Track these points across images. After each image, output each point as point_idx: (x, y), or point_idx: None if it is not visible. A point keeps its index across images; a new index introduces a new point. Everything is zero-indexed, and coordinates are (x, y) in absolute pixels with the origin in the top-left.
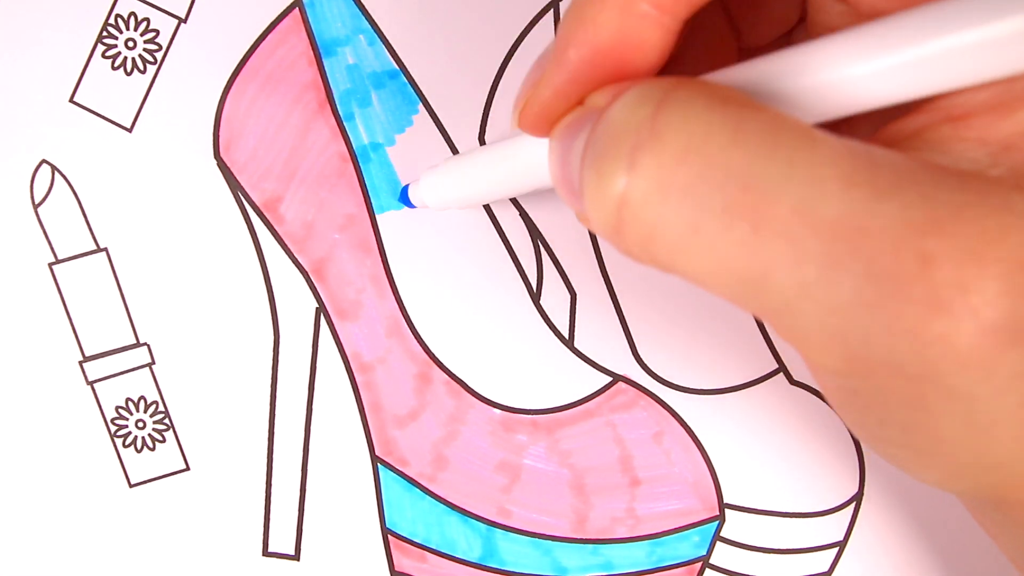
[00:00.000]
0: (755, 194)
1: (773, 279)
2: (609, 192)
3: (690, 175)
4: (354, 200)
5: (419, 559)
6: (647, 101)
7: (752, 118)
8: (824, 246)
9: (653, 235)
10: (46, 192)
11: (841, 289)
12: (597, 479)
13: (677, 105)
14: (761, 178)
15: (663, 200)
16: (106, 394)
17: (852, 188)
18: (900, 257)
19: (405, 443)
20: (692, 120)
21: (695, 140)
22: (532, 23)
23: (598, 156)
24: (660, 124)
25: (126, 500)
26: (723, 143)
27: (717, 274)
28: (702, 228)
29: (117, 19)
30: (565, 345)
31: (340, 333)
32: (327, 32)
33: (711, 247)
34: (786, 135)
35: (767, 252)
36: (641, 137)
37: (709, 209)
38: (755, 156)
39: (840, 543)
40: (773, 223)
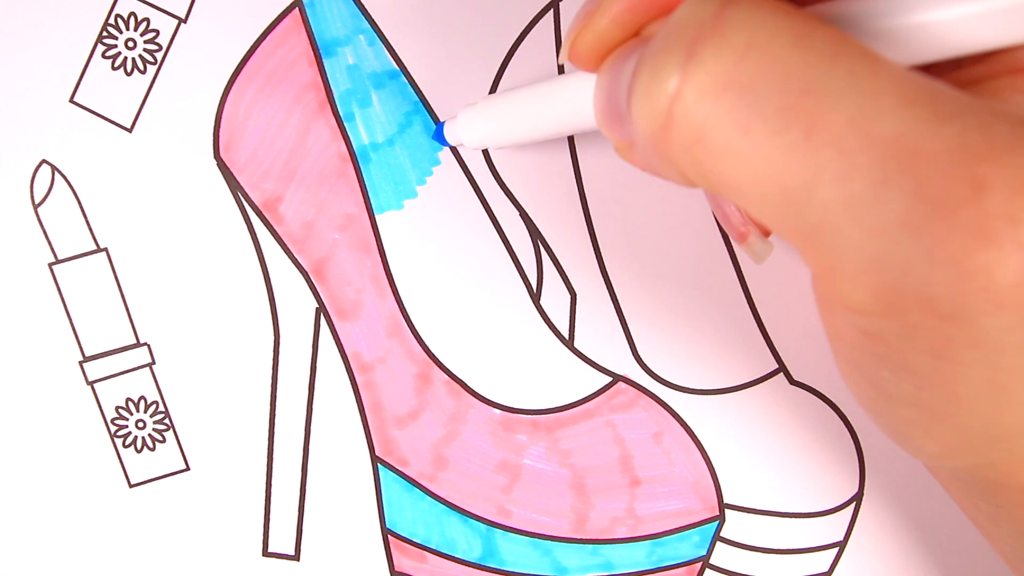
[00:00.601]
0: (813, 99)
1: (818, 191)
2: (662, 86)
3: (749, 73)
4: (354, 200)
5: (419, 559)
6: (711, 0)
7: (817, 28)
8: (876, 162)
9: (702, 135)
10: (46, 192)
11: (888, 208)
12: (597, 479)
13: (744, 4)
14: (820, 84)
15: (718, 96)
16: (106, 394)
17: (911, 107)
18: (953, 181)
19: (405, 443)
20: (757, 20)
21: (758, 38)
22: (532, 23)
23: (654, 52)
24: (724, 19)
25: (126, 500)
26: (786, 45)
27: (760, 182)
28: (754, 129)
29: (117, 19)
30: (565, 345)
31: (340, 333)
32: (327, 32)
33: (760, 150)
34: (849, 49)
35: (817, 161)
36: (703, 31)
37: (764, 109)
38: (817, 62)
39: (840, 543)
40: (827, 131)
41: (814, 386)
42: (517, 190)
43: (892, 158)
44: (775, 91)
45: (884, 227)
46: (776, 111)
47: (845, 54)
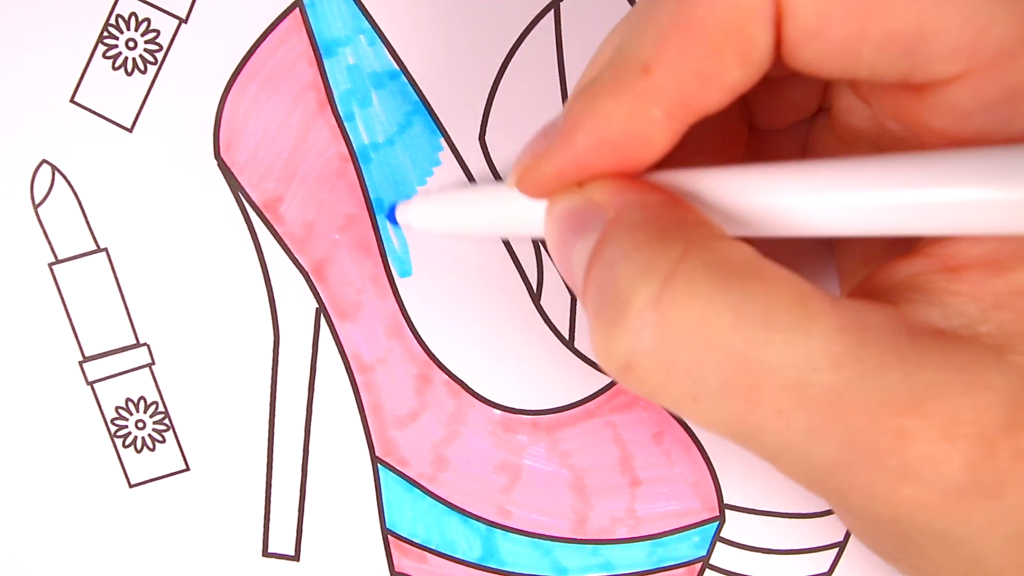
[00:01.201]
0: (750, 375)
1: (763, 440)
2: (616, 354)
3: (691, 355)
4: (354, 200)
5: (419, 559)
6: (654, 274)
7: (753, 297)
8: (810, 418)
9: (655, 394)
10: (46, 192)
11: (824, 453)
12: (597, 479)
13: (683, 285)
14: (758, 361)
15: (666, 373)
16: (106, 394)
17: (841, 367)
18: (878, 432)
19: (405, 443)
20: (696, 302)
21: (698, 323)
22: (532, 23)
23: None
24: (665, 303)
25: (126, 500)
26: (725, 327)
27: (714, 429)
28: (700, 398)
29: (118, 19)
30: (565, 345)
31: (340, 333)
32: (327, 32)
33: (708, 413)
34: (784, 315)
35: (758, 421)
36: (646, 315)
37: (707, 385)
38: (754, 341)
39: (840, 543)
40: (765, 399)
41: None
42: None
43: (825, 411)
44: (716, 369)
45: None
46: (719, 386)
47: (781, 323)
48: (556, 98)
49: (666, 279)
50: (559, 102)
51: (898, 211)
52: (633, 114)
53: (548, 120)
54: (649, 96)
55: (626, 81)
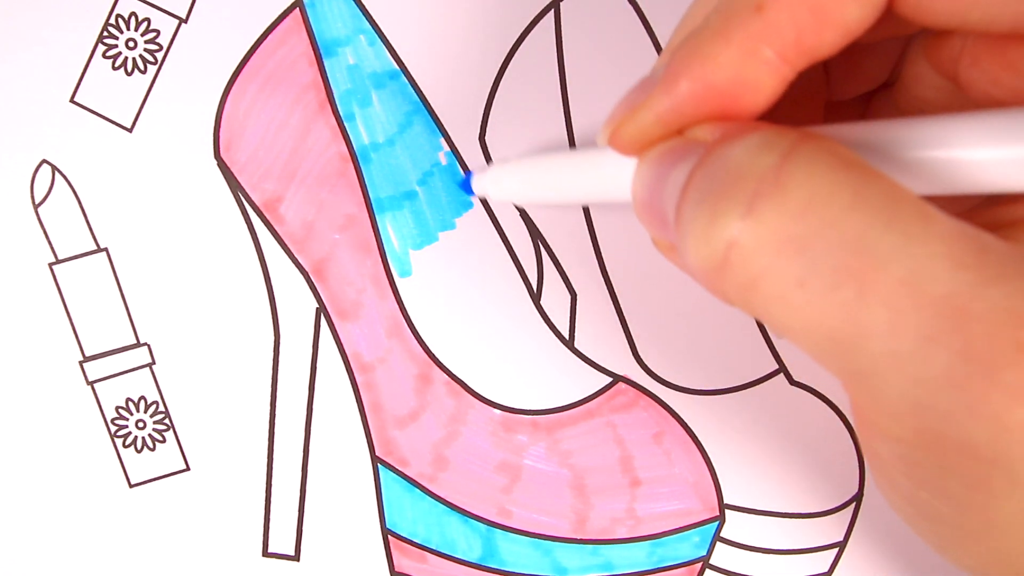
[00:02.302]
0: (867, 260)
1: (867, 344)
2: (721, 233)
3: (808, 231)
4: (354, 200)
5: (419, 559)
6: (773, 149)
7: (873, 184)
8: (925, 320)
9: (757, 283)
10: (46, 192)
11: (934, 364)
12: (597, 479)
13: (803, 159)
14: (875, 245)
15: (777, 251)
16: (106, 394)
17: (961, 269)
18: (997, 342)
19: (405, 443)
20: (817, 176)
21: (818, 197)
22: (532, 23)
23: (713, 194)
24: (785, 175)
25: (126, 500)
26: (844, 205)
27: (811, 330)
28: (809, 284)
29: (118, 19)
30: (565, 345)
31: (340, 333)
32: (327, 32)
33: (813, 304)
34: (904, 207)
35: (868, 317)
36: (764, 184)
37: (820, 267)
38: (873, 223)
39: (840, 543)
40: (879, 291)
41: (814, 386)
42: None
43: (940, 317)
44: (831, 250)
45: (929, 380)
46: (831, 269)
47: (900, 214)
48: (556, 98)
49: (786, 153)
50: (559, 102)
51: None
52: (744, 56)
53: None
54: (762, 35)
55: (738, 20)
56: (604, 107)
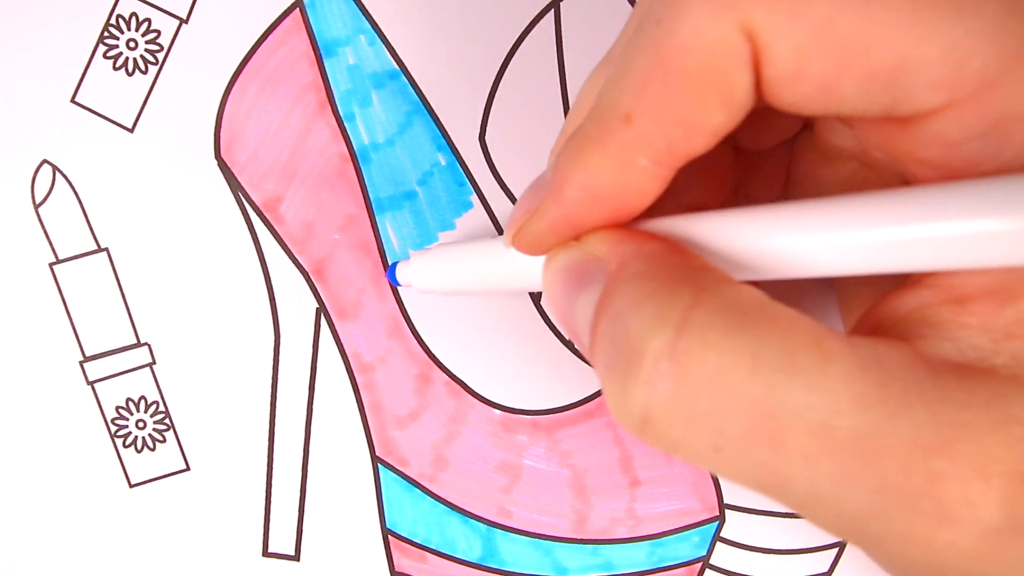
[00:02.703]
0: (774, 422)
1: (790, 489)
2: (632, 408)
3: (712, 404)
4: (354, 200)
5: (419, 559)
6: (666, 323)
7: (768, 340)
8: (838, 463)
9: (676, 448)
10: (47, 192)
11: (854, 501)
12: (597, 480)
13: (697, 332)
14: (779, 406)
15: (686, 424)
16: (106, 394)
17: (865, 409)
18: (910, 475)
19: (405, 443)
20: (712, 349)
21: (716, 371)
22: (532, 23)
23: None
24: (680, 352)
25: (126, 500)
26: (743, 372)
27: (739, 481)
28: (723, 449)
29: (118, 19)
30: (565, 345)
31: (340, 333)
32: (328, 32)
33: (732, 465)
34: (802, 357)
35: (784, 470)
36: (661, 365)
37: (730, 434)
38: (774, 384)
39: (840, 543)
40: (791, 445)
41: None
42: (517, 190)
43: (853, 458)
44: (738, 417)
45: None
46: (741, 434)
47: (799, 366)
48: (556, 98)
49: (679, 327)
50: (559, 102)
51: (897, 248)
52: (620, 164)
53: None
54: (634, 146)
55: (609, 132)
56: None
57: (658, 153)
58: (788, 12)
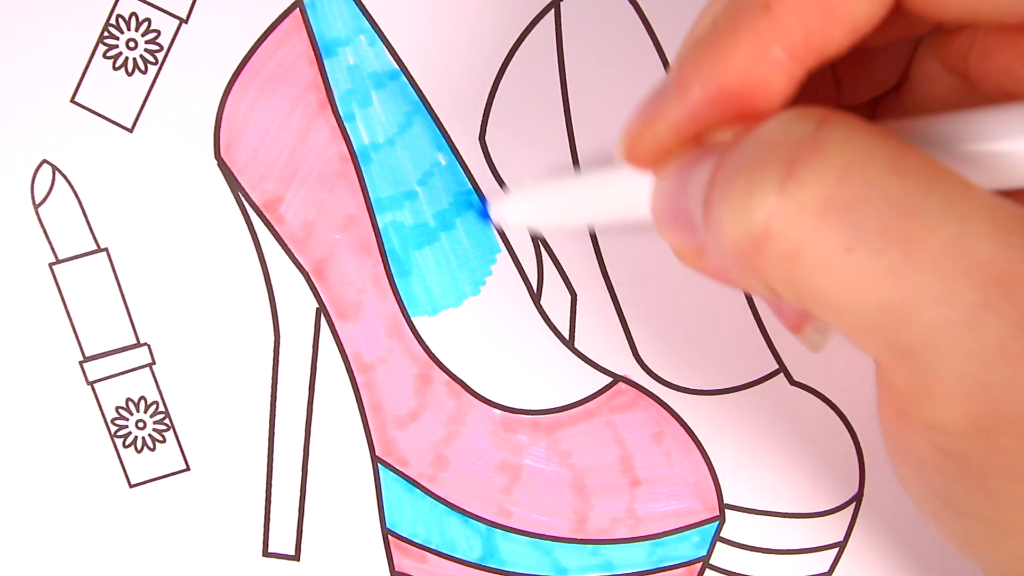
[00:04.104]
0: (912, 222)
1: (918, 313)
2: (760, 202)
3: (850, 193)
4: (354, 200)
5: (419, 559)
6: (807, 118)
7: (910, 153)
8: (975, 287)
9: (800, 252)
10: (47, 192)
11: (988, 334)
12: (597, 479)
13: (838, 126)
14: (918, 208)
15: (819, 215)
16: (106, 394)
17: (1006, 234)
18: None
19: (405, 443)
20: (854, 141)
21: (857, 160)
22: (532, 23)
23: (747, 168)
24: (822, 139)
25: (126, 500)
26: (883, 168)
27: (859, 300)
28: (855, 247)
29: (118, 19)
30: (565, 345)
31: (340, 333)
32: (328, 32)
33: (861, 268)
34: (942, 174)
35: (917, 282)
36: (801, 150)
37: (865, 229)
38: (914, 186)
39: (840, 543)
40: (927, 254)
41: (814, 386)
42: None
43: (991, 283)
44: (876, 212)
45: (983, 352)
46: (877, 231)
47: (939, 179)
48: (556, 98)
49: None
50: (559, 102)
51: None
52: (754, 56)
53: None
54: (771, 34)
55: (746, 21)
56: (604, 107)
57: (795, 44)
58: None
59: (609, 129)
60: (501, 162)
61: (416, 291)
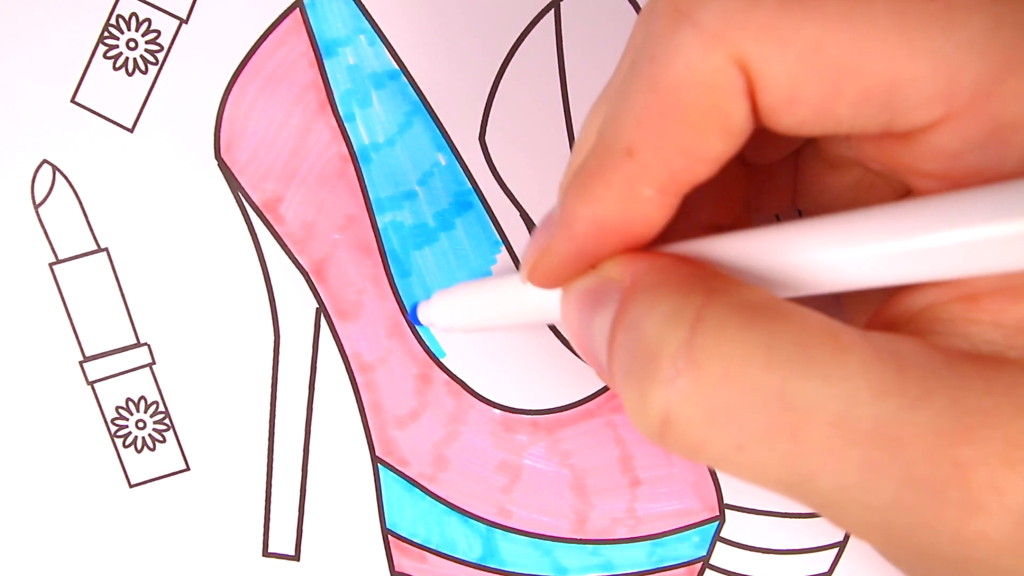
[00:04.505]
0: (796, 414)
1: (816, 484)
2: (652, 411)
3: (731, 399)
4: (354, 200)
5: (419, 559)
6: (680, 322)
7: (782, 334)
8: (862, 454)
9: (699, 449)
10: (47, 192)
11: (881, 493)
12: (597, 479)
13: (711, 328)
14: (797, 397)
15: (708, 422)
16: (106, 394)
17: (884, 398)
18: (935, 464)
19: (405, 443)
20: (727, 343)
21: (733, 365)
22: (532, 23)
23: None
24: (696, 349)
25: (126, 500)
26: (759, 365)
27: (763, 480)
28: (746, 446)
29: (118, 19)
30: (565, 345)
31: (340, 333)
32: (328, 32)
33: (755, 461)
34: (817, 349)
35: (809, 462)
36: (678, 361)
37: (752, 429)
38: (790, 376)
39: (840, 543)
40: (813, 437)
41: None
42: (517, 190)
43: (876, 448)
44: (758, 412)
45: (880, 508)
46: (763, 430)
47: (814, 358)
48: (556, 98)
49: (693, 325)
50: (559, 102)
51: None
52: (625, 197)
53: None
54: (637, 178)
55: (612, 166)
56: None
57: (662, 183)
58: (777, 40)
59: None
60: (501, 162)
61: (416, 291)
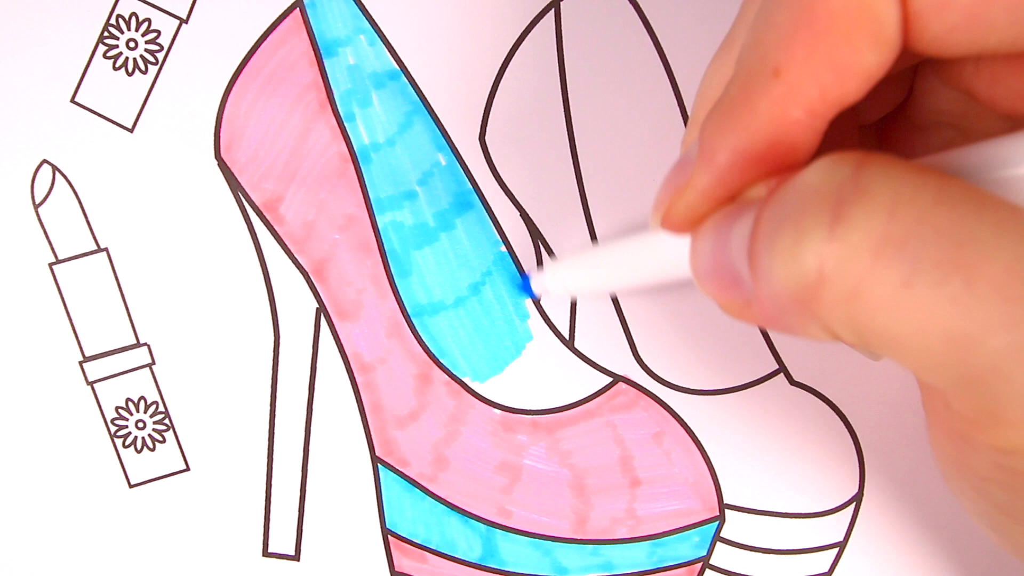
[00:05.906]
0: (968, 250)
1: (985, 340)
2: (810, 248)
3: (902, 229)
4: (354, 200)
5: (419, 559)
6: (845, 163)
7: (952, 182)
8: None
9: (859, 292)
10: (47, 192)
11: None
12: (597, 479)
13: (877, 166)
14: (972, 235)
15: (875, 254)
16: (106, 394)
17: None
18: None
19: (405, 443)
20: (897, 178)
21: (903, 196)
22: (532, 23)
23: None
24: (865, 179)
25: (126, 500)
26: (930, 200)
27: (925, 333)
28: (914, 282)
29: (118, 19)
30: (565, 345)
31: (340, 333)
32: (328, 32)
33: (922, 303)
34: (989, 200)
35: (982, 310)
36: (845, 192)
37: (923, 262)
38: (964, 215)
39: (840, 543)
40: (988, 280)
41: (814, 386)
42: (517, 190)
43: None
44: (930, 245)
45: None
46: (934, 263)
47: (986, 206)
48: (556, 98)
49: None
50: (559, 102)
51: None
52: (774, 121)
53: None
54: (786, 98)
55: (758, 89)
56: (604, 107)
57: (811, 103)
58: None
59: (609, 129)
60: (501, 162)
61: (416, 291)
